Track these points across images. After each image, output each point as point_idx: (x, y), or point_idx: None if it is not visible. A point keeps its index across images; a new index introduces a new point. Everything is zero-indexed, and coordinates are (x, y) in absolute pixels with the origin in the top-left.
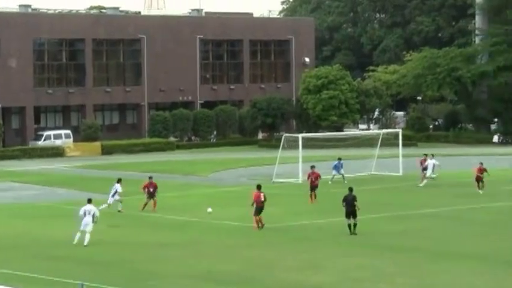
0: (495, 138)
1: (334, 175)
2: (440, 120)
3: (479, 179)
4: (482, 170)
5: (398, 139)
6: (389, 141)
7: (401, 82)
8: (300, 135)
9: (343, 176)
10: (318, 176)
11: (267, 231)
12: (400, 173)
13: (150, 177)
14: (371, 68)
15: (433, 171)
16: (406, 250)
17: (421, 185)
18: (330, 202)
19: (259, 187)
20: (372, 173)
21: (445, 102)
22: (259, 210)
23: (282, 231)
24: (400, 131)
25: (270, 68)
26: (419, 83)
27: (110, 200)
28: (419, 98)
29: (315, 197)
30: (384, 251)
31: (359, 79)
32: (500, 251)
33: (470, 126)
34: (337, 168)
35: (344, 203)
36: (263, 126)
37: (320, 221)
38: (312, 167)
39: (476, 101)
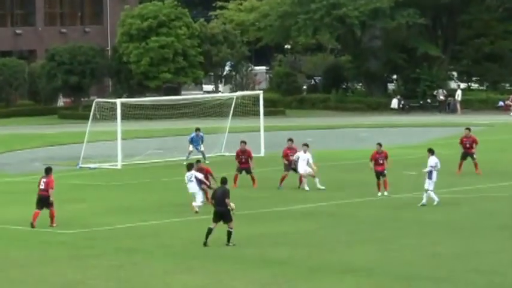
0: (394, 103)
1: (190, 151)
2: (317, 78)
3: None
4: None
5: (258, 105)
6: (247, 109)
7: (262, 24)
8: (119, 101)
9: (203, 154)
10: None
11: (70, 238)
12: (262, 154)
13: None
14: (219, 3)
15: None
16: (276, 262)
17: (306, 187)
18: (178, 195)
19: (48, 170)
20: (223, 153)
21: (324, 52)
22: (39, 200)
23: (87, 238)
24: (261, 93)
25: (74, 4)
26: (288, 26)
27: None
28: (287, 46)
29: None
30: (243, 264)
31: (202, 20)
32: (388, 260)
33: (359, 86)
34: (196, 142)
35: (213, 200)
36: (65, 89)
37: (146, 223)
38: (243, 142)
39: (367, 51)
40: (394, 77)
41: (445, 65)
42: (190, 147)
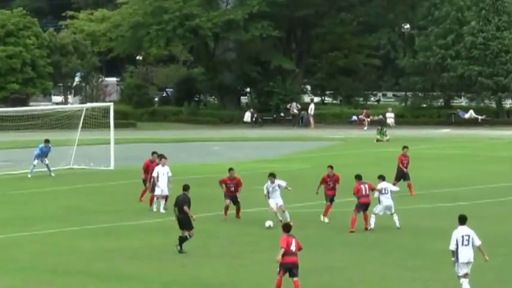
0: (247, 116)
1: (35, 165)
2: (169, 91)
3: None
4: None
5: (109, 117)
6: (97, 121)
7: (113, 35)
8: None
9: (48, 167)
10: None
11: None
12: (112, 167)
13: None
14: (69, 13)
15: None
16: (126, 277)
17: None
18: (26, 208)
19: None
20: (72, 166)
21: (177, 64)
22: None
23: None
24: (111, 105)
25: None
26: (140, 37)
27: None
28: (139, 57)
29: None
30: (92, 278)
31: (52, 30)
32: (239, 275)
33: (212, 98)
34: (42, 154)
35: (175, 208)
36: None
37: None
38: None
39: (220, 63)
40: (248, 90)
41: (299, 79)
42: (35, 161)
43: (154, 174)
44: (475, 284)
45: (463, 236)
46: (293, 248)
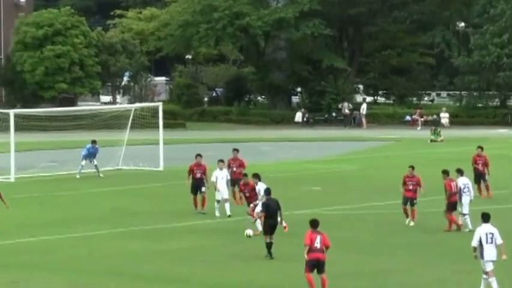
0: (298, 116)
1: (83, 165)
2: (219, 90)
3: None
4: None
5: (157, 117)
6: (145, 121)
7: (162, 34)
8: (12, 111)
9: (96, 167)
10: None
11: None
12: (161, 168)
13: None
14: (117, 12)
15: None
16: (175, 280)
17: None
18: (72, 209)
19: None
20: (120, 167)
21: (227, 63)
22: None
23: None
24: (160, 105)
25: None
26: (189, 36)
27: None
28: (189, 57)
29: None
30: (142, 281)
31: (100, 29)
32: (288, 277)
33: (262, 98)
34: (90, 155)
35: (266, 213)
36: None
37: (51, 237)
38: (235, 150)
39: (270, 62)
40: (299, 89)
41: (351, 78)
42: (83, 162)
43: (213, 179)
44: None
45: (486, 234)
46: (317, 244)
